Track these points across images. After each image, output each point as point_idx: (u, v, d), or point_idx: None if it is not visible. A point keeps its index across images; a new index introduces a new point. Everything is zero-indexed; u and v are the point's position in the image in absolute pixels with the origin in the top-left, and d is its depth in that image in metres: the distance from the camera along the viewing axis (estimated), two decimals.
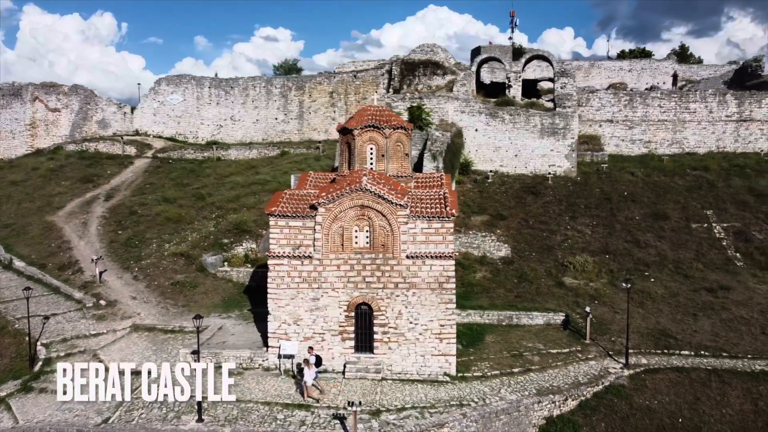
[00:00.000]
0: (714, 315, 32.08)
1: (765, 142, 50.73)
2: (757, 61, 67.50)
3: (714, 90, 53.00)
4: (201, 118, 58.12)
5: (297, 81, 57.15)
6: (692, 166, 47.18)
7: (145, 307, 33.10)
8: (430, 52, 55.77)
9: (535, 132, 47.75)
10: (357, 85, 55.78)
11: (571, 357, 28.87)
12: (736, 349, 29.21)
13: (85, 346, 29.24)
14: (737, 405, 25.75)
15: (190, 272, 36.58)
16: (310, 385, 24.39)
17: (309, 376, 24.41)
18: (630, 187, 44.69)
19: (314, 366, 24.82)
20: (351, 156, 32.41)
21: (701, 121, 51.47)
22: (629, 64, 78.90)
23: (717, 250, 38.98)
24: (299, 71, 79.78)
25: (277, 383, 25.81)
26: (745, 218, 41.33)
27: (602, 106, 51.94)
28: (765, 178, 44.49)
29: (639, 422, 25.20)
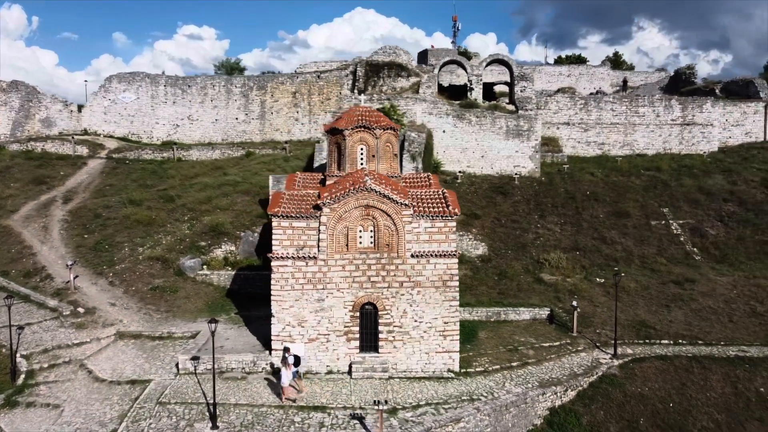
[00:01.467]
0: (685, 306, 34.22)
1: (706, 144, 54.33)
2: (690, 69, 72.11)
3: (661, 96, 56.35)
4: (156, 117, 56.02)
5: (258, 81, 56.13)
6: (645, 166, 49.92)
7: (127, 314, 31.73)
8: (393, 54, 56.25)
9: (500, 134, 49.15)
10: (321, 85, 55.43)
11: (563, 349, 30.03)
12: (709, 337, 31.29)
13: (69, 356, 27.73)
14: (719, 388, 27.63)
15: (169, 276, 35.34)
16: (287, 386, 24.11)
17: (286, 377, 24.07)
18: (591, 186, 46.80)
19: (293, 366, 24.60)
20: (341, 156, 32.35)
21: (649, 125, 54.53)
22: (568, 70, 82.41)
23: (676, 245, 41.53)
24: (242, 71, 78.46)
25: None
26: (698, 215, 44.23)
27: (559, 110, 54.07)
28: (712, 178, 47.70)
29: (634, 408, 26.57)
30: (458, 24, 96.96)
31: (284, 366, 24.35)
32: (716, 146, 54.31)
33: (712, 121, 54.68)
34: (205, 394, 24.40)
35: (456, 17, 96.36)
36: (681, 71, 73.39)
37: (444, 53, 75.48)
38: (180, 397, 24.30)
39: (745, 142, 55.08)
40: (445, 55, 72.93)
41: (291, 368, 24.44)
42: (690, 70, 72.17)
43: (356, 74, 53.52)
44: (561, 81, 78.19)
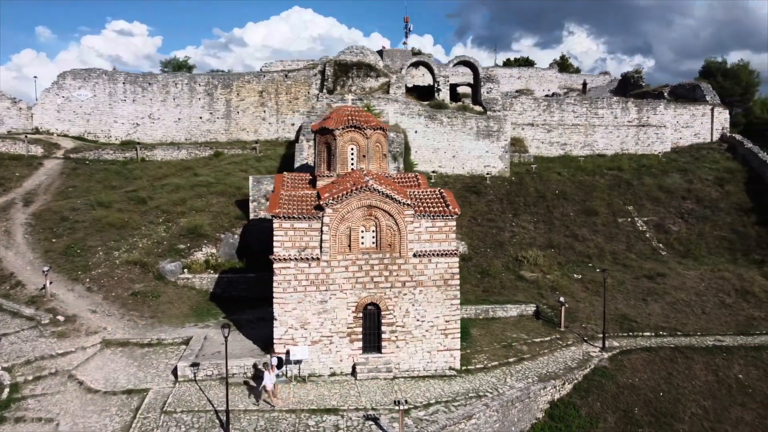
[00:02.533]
0: (660, 299, 35.84)
1: (660, 145, 56.97)
2: (637, 73, 75.35)
3: (618, 98, 58.55)
4: (114, 115, 53.73)
5: (223, 79, 54.73)
6: (608, 166, 51.89)
7: (110, 321, 30.37)
8: (360, 54, 56.10)
9: (471, 134, 49.94)
10: (288, 84, 54.63)
11: (554, 344, 30.87)
12: (686, 328, 32.94)
13: (54, 366, 26.28)
14: (702, 377, 29.12)
15: (149, 281, 34.06)
16: (270, 389, 23.73)
17: (269, 380, 23.69)
18: (560, 186, 48.24)
19: (276, 368, 24.26)
20: (331, 157, 32.12)
21: (608, 126, 56.68)
22: (518, 72, 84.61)
23: (643, 241, 43.42)
24: (190, 69, 76.55)
25: (292, 390, 24.98)
26: (660, 212, 46.39)
27: (524, 111, 55.43)
28: (670, 177, 50.10)
29: (627, 399, 27.65)
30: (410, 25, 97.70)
31: (267, 369, 23.90)
32: (669, 146, 57.04)
33: (665, 122, 57.39)
34: (211, 401, 23.72)
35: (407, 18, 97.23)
36: (630, 75, 76.55)
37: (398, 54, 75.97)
38: (185, 405, 23.49)
39: (695, 143, 58.07)
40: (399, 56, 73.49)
41: (274, 371, 24.00)
42: (638, 73, 75.35)
43: (325, 74, 53.10)
44: (512, 83, 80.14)
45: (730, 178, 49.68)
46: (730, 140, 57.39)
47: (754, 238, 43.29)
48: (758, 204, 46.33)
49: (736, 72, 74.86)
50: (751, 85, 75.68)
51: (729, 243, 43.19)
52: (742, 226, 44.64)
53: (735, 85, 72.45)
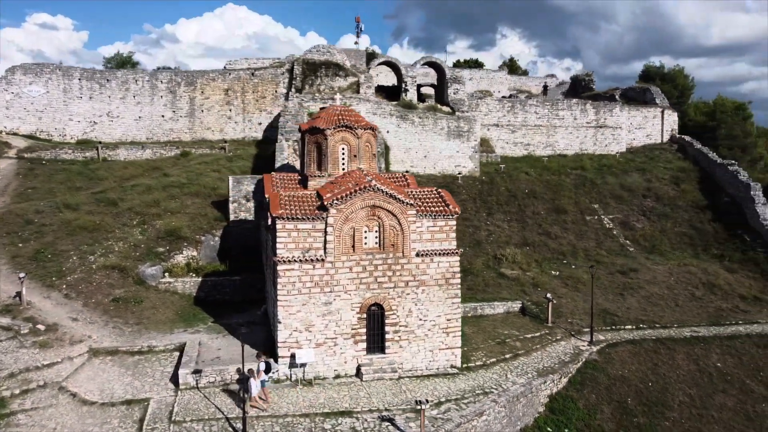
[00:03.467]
0: (635, 293, 37.38)
1: (616, 145, 59.34)
2: (588, 76, 78.16)
3: (577, 100, 60.55)
4: (69, 113, 51.05)
5: (187, 76, 52.93)
6: (572, 166, 53.59)
7: (93, 329, 28.93)
8: (327, 54, 55.60)
9: (442, 134, 50.48)
10: (255, 83, 53.45)
11: (545, 340, 31.66)
12: (663, 321, 34.49)
13: (42, 379, 24.77)
14: (685, 366, 30.58)
15: (129, 286, 32.65)
16: (255, 396, 23.05)
17: (255, 387, 23.04)
18: (529, 185, 49.46)
19: (263, 374, 23.74)
20: (321, 156, 31.86)
21: (568, 127, 58.57)
22: (470, 73, 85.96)
23: (611, 238, 45.13)
24: (134, 65, 73.93)
25: (300, 393, 24.63)
26: (624, 210, 48.35)
27: (490, 112, 56.49)
28: (630, 176, 52.29)
29: (620, 390, 28.69)
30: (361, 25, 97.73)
31: (252, 375, 23.19)
32: (624, 147, 59.51)
33: (620, 124, 59.86)
34: (220, 409, 23.01)
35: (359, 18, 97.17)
36: (580, 78, 79.27)
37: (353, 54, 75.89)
38: (194, 414, 22.68)
39: (647, 143, 60.87)
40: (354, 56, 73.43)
41: (260, 376, 23.45)
42: (588, 76, 78.13)
43: (293, 72, 52.36)
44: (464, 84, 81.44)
45: (685, 177, 52.32)
46: (679, 141, 60.46)
47: (712, 234, 45.79)
48: (712, 202, 49.04)
49: (673, 76, 78.52)
50: (686, 89, 79.61)
51: (689, 239, 45.51)
52: (700, 222, 47.13)
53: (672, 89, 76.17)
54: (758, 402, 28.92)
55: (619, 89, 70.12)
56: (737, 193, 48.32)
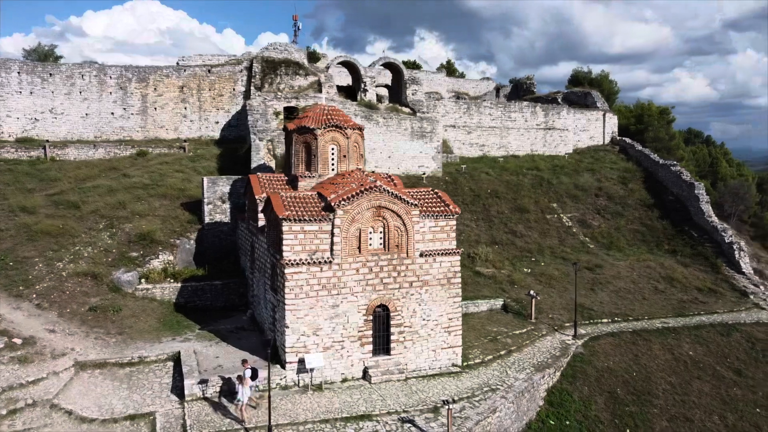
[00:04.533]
0: (605, 288, 39.10)
1: (564, 147, 61.78)
2: (529, 80, 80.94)
3: (528, 103, 62.50)
4: (8, 109, 47.12)
5: (138, 72, 50.16)
6: (527, 166, 55.28)
7: (75, 341, 26.99)
8: (285, 52, 54.43)
9: (406, 135, 50.72)
10: (212, 80, 51.48)
11: (532, 335, 32.52)
12: (635, 313, 36.29)
13: (29, 397, 22.87)
14: (662, 356, 32.31)
15: (104, 294, 30.71)
16: (245, 404, 22.27)
17: (244, 394, 22.26)
18: (491, 185, 50.61)
19: (250, 380, 22.80)
20: (310, 156, 31.36)
21: (520, 128, 60.41)
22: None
23: (571, 236, 46.97)
24: (57, 58, 69.78)
25: (313, 399, 24.07)
26: (580, 209, 50.45)
27: (447, 113, 57.31)
28: (582, 176, 54.61)
29: (608, 381, 29.93)
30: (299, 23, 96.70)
31: (240, 382, 22.41)
32: (571, 148, 62.05)
33: (567, 126, 62.39)
34: (237, 420, 22.11)
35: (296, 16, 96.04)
36: (522, 81, 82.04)
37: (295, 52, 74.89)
38: (209, 425, 21.67)
39: (591, 145, 63.76)
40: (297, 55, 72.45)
41: (248, 383, 22.53)
42: (529, 80, 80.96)
43: (252, 70, 50.97)
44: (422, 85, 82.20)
45: (631, 177, 55.25)
46: (620, 143, 63.77)
47: (661, 230, 48.63)
48: (658, 200, 52.07)
49: (599, 81, 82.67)
50: (612, 93, 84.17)
51: (642, 235, 48.12)
52: (649, 220, 49.93)
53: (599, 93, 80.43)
54: (730, 386, 31.00)
55: (560, 93, 73.14)
56: (681, 192, 51.58)
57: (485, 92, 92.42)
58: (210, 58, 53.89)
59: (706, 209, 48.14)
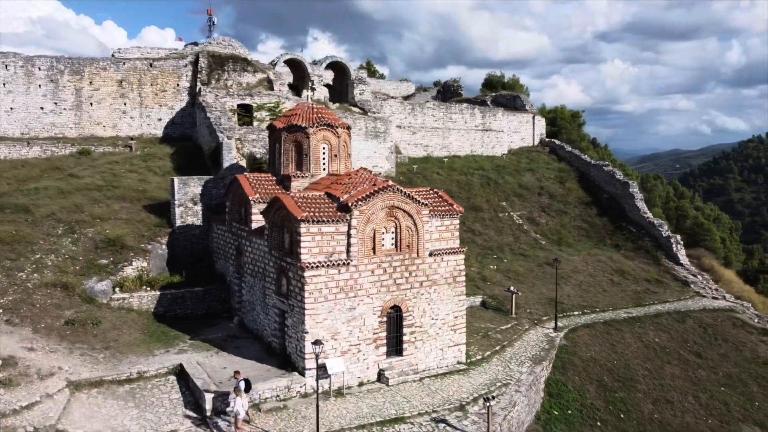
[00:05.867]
0: (567, 282, 41.01)
1: (500, 147, 64.03)
2: (456, 82, 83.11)
3: (467, 105, 64.14)
4: None
5: (72, 64, 45.84)
6: (473, 167, 56.74)
7: (59, 358, 24.38)
8: (230, 47, 51.99)
9: (360, 134, 50.35)
10: (154, 75, 48.14)
11: (517, 330, 33.51)
12: (600, 305, 38.43)
13: (28, 423, 20.39)
14: (634, 344, 34.46)
15: (78, 305, 27.97)
16: (242, 418, 21.11)
17: (241, 406, 20.98)
18: (443, 185, 51.33)
19: (244, 393, 21.49)
20: (301, 156, 30.51)
21: (460, 129, 61.89)
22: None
23: (524, 233, 48.86)
24: None
25: (338, 405, 23.42)
26: (527, 207, 52.57)
27: (393, 113, 57.50)
28: (524, 176, 56.93)
29: (593, 370, 31.50)
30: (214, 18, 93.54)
31: (236, 394, 21.19)
32: (506, 149, 64.49)
33: (503, 128, 64.76)
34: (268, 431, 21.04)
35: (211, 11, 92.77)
36: (449, 84, 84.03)
37: None
38: None
39: (522, 146, 66.59)
40: None
41: (243, 396, 21.25)
42: (456, 83, 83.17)
43: (198, 65, 48.44)
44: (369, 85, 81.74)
45: (566, 177, 58.35)
46: (549, 144, 67.13)
47: (601, 226, 51.79)
48: (594, 198, 55.39)
49: (511, 85, 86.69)
50: None
51: (585, 231, 51.00)
52: (589, 217, 53.01)
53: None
54: (695, 369, 33.66)
55: (489, 95, 75.75)
56: (615, 190, 55.19)
57: (406, 94, 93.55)
58: (149, 51, 50.45)
59: (641, 206, 51.87)
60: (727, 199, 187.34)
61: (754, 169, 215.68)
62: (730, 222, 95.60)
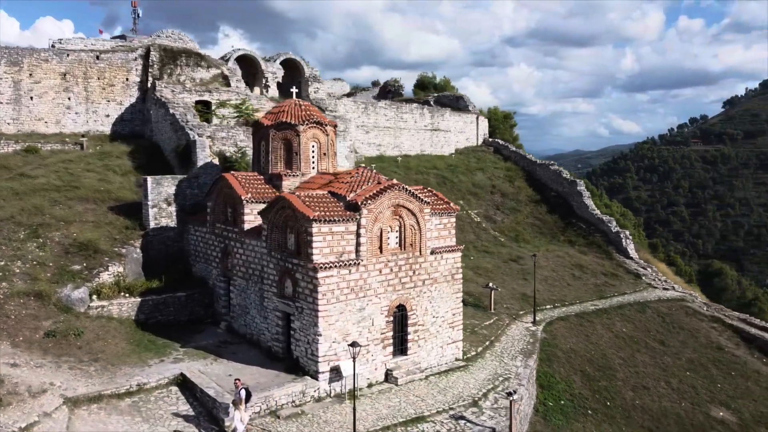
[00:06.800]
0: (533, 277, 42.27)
1: (448, 147, 65.03)
2: (396, 82, 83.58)
3: (417, 105, 64.64)
4: None
5: (9, 54, 41.91)
6: (426, 166, 57.28)
7: (46, 373, 22.42)
8: (180, 40, 49.63)
9: None
10: (101, 68, 44.96)
11: (500, 325, 34.21)
12: (567, 299, 39.95)
13: None
14: (605, 335, 36.10)
15: (55, 315, 25.81)
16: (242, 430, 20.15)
17: (239, 421, 20.04)
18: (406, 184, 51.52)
19: (244, 403, 20.48)
20: (290, 154, 29.82)
21: (410, 129, 62.34)
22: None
23: (484, 231, 49.96)
24: None
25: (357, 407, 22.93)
26: (482, 205, 53.79)
27: (347, 112, 57.08)
28: (476, 175, 58.16)
29: (575, 361, 32.72)
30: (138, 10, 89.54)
31: (236, 406, 20.34)
32: (453, 149, 65.62)
33: (450, 128, 65.87)
34: None
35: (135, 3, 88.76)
36: (390, 84, 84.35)
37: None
38: None
39: (468, 146, 67.95)
40: None
41: (244, 407, 20.21)
42: (396, 83, 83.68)
43: (149, 59, 45.93)
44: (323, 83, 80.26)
45: (514, 176, 60.18)
46: (493, 144, 68.99)
47: (552, 223, 53.84)
48: (542, 196, 57.45)
49: (443, 86, 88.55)
50: None
51: (539, 228, 52.84)
52: (540, 214, 54.97)
53: None
54: (661, 355, 35.72)
55: (431, 96, 76.74)
56: (562, 188, 57.51)
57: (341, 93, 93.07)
58: (93, 42, 47.23)
59: (589, 203, 54.39)
60: (625, 196, 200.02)
61: (649, 169, 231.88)
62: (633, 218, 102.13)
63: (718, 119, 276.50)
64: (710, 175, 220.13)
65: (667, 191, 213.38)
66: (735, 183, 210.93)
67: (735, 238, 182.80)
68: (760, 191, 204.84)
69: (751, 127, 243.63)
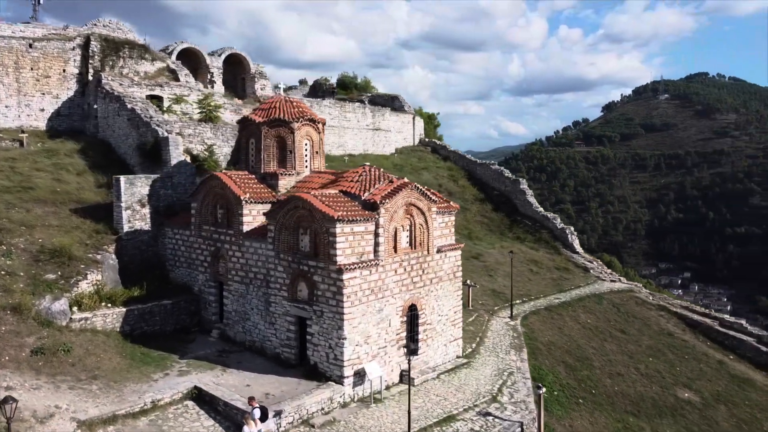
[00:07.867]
0: (497, 273, 43.44)
1: (389, 146, 65.29)
2: (327, 81, 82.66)
3: (360, 104, 64.22)
4: None
5: None
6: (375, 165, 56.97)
7: (47, 396, 20.09)
8: (119, 30, 45.95)
9: None
10: (35, 57, 40.62)
11: (481, 321, 34.84)
12: (532, 293, 41.37)
13: None
14: (574, 326, 37.73)
15: (36, 330, 23.12)
16: None
17: None
18: None
19: (260, 422, 19.63)
20: (284, 152, 28.79)
21: (354, 128, 61.97)
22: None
23: None
24: None
25: (385, 411, 22.65)
26: None
27: None
28: (423, 175, 58.53)
29: (556, 353, 33.93)
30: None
31: (247, 423, 19.25)
32: (394, 149, 66.03)
33: (390, 127, 66.20)
34: None
35: None
36: (320, 82, 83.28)
37: None
38: None
39: (405, 145, 68.65)
40: None
41: (256, 425, 19.24)
42: (327, 81, 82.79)
43: (90, 50, 42.38)
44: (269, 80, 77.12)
45: (457, 175, 61.42)
46: (430, 144, 70.10)
47: (499, 221, 55.52)
48: (486, 195, 59.06)
49: (364, 86, 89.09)
50: None
51: (487, 226, 54.27)
52: (486, 212, 56.50)
53: None
54: (626, 344, 37.86)
55: (365, 95, 76.66)
56: (504, 187, 59.43)
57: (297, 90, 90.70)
58: (23, 29, 42.78)
59: (533, 201, 56.60)
60: None
61: (538, 169, 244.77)
62: None
63: (598, 122, 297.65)
64: (592, 174, 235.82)
65: (555, 190, 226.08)
66: (614, 182, 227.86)
67: (615, 232, 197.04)
68: (636, 189, 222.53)
69: (627, 130, 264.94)
